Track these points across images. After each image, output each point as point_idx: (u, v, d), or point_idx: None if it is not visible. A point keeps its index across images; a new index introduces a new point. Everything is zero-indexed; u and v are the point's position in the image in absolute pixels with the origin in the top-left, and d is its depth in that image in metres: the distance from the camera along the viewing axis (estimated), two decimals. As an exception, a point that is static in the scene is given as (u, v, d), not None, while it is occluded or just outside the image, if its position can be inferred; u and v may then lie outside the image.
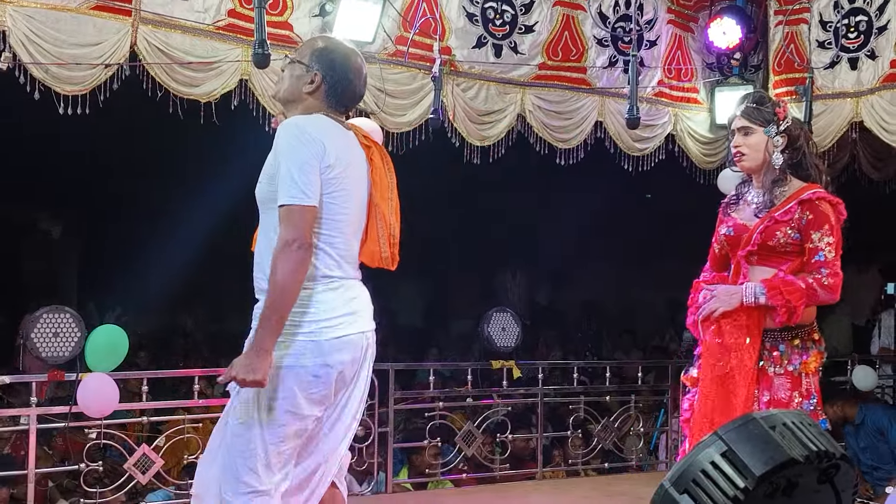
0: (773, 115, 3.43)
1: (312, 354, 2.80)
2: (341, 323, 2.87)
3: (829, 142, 6.02)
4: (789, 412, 1.93)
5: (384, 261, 3.05)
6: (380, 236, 3.03)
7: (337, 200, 2.88)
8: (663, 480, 1.92)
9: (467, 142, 5.72)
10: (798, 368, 3.32)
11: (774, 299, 3.23)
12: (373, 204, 3.02)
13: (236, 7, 4.93)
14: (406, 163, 5.51)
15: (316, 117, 2.94)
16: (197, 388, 5.22)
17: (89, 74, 4.58)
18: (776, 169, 3.40)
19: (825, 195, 3.38)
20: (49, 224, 10.80)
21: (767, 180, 3.42)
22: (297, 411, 2.81)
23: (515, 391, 6.46)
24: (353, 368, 2.93)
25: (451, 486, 6.10)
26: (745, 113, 3.45)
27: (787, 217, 3.33)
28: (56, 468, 5.39)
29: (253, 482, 2.78)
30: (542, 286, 12.71)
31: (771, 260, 3.36)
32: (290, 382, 2.78)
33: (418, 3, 5.37)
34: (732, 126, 3.50)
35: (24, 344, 4.81)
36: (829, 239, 3.29)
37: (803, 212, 3.32)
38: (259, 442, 2.78)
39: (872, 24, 5.72)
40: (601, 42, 6.06)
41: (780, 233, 3.33)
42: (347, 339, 2.87)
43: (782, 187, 3.40)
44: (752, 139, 3.44)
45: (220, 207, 8.30)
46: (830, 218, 3.33)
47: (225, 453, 2.82)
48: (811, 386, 3.32)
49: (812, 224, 3.30)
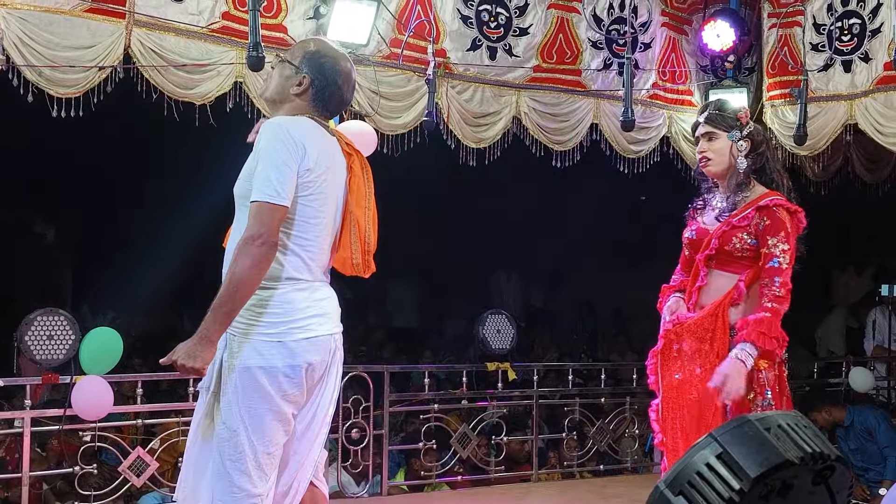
0: (735, 121, 3.52)
1: (281, 355, 2.80)
2: (309, 324, 2.86)
3: (824, 144, 6.04)
4: (785, 414, 1.93)
5: (356, 268, 3.05)
6: (352, 243, 3.03)
7: (313, 203, 2.88)
8: (658, 482, 1.92)
9: (462, 144, 5.72)
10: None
11: (765, 345, 3.24)
12: (348, 211, 3.03)
13: (230, 9, 4.92)
14: (401, 165, 5.54)
15: (300, 119, 2.94)
16: (191, 391, 5.21)
17: (83, 77, 4.57)
18: (741, 173, 3.47)
19: (784, 202, 3.43)
20: (43, 227, 10.77)
21: (732, 184, 3.48)
22: (278, 411, 2.81)
23: (510, 393, 6.46)
24: (321, 370, 2.92)
25: (447, 489, 6.10)
26: (709, 119, 3.53)
27: (744, 223, 3.39)
28: (51, 471, 5.39)
29: (247, 486, 2.78)
30: (537, 288, 12.72)
31: (729, 265, 3.42)
32: (263, 382, 2.78)
33: (412, 5, 5.37)
34: (697, 133, 3.59)
35: (19, 347, 4.79)
36: (784, 246, 3.33)
37: (760, 217, 3.37)
38: (247, 444, 2.78)
39: (866, 27, 5.73)
40: (596, 44, 6.07)
41: (736, 238, 3.39)
42: (315, 340, 2.87)
43: (745, 192, 3.46)
44: (717, 144, 3.51)
45: (214, 210, 8.26)
46: (787, 225, 3.37)
47: (216, 459, 2.81)
48: (766, 381, 3.35)
49: (768, 230, 3.35)
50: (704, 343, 3.37)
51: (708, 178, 3.61)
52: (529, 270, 12.06)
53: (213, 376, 2.83)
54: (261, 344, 2.79)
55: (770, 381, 3.34)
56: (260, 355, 2.78)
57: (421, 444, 5.98)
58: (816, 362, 7.53)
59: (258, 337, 2.79)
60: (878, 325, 8.02)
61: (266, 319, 2.80)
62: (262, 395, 2.78)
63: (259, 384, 2.78)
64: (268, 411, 2.79)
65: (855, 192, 7.24)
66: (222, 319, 2.72)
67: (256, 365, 2.78)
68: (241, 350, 2.79)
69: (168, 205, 9.42)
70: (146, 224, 9.78)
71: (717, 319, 3.36)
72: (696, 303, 3.49)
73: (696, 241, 3.52)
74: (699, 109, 3.67)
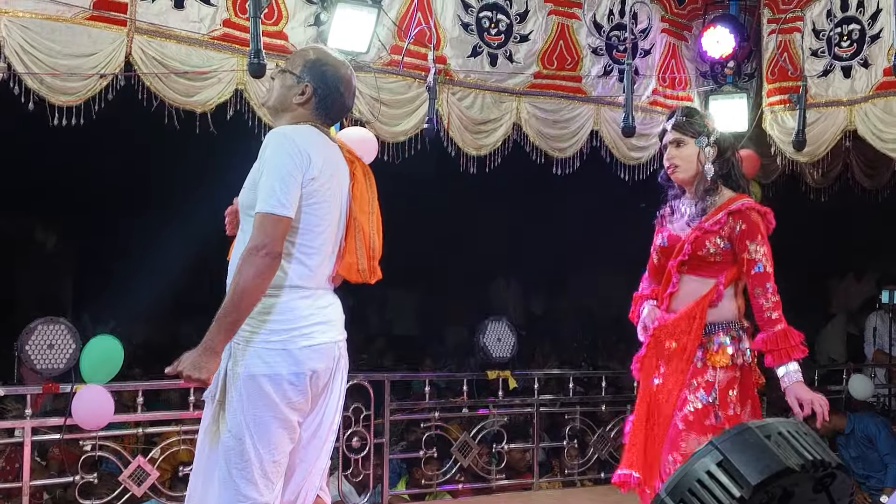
0: (703, 127, 3.57)
1: (286, 363, 2.80)
2: (313, 331, 2.87)
3: (824, 150, 6.04)
4: (786, 421, 1.93)
5: (362, 273, 3.06)
6: (357, 248, 3.03)
7: (317, 212, 2.88)
8: (660, 490, 1.91)
9: (463, 151, 5.72)
10: (704, 360, 3.39)
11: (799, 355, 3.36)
12: (352, 217, 3.03)
13: (231, 17, 4.93)
14: (401, 171, 5.53)
15: (303, 127, 2.95)
16: (192, 400, 5.21)
17: (84, 85, 4.57)
18: (708, 179, 3.51)
19: (754, 205, 3.49)
20: (43, 235, 10.76)
21: (700, 190, 3.53)
22: (284, 418, 2.82)
23: (511, 402, 6.45)
24: (326, 377, 2.93)
25: (449, 498, 6.08)
26: (677, 125, 3.57)
27: (716, 227, 3.43)
28: (51, 480, 5.37)
29: (253, 494, 2.78)
30: (537, 295, 12.70)
31: (701, 269, 3.46)
32: (268, 390, 2.78)
33: (413, 12, 5.38)
34: (664, 140, 3.62)
35: (19, 356, 4.78)
36: (763, 249, 3.40)
37: (735, 221, 3.42)
38: (253, 453, 2.78)
39: (865, 33, 5.74)
40: (596, 51, 6.08)
41: (709, 243, 3.43)
42: (318, 347, 2.87)
43: (713, 196, 3.51)
44: (685, 151, 3.55)
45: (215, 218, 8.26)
46: (760, 227, 3.43)
47: (222, 467, 2.81)
48: (716, 381, 3.37)
49: (746, 234, 3.40)
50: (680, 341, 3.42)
51: (674, 184, 3.65)
52: (529, 278, 12.04)
53: (219, 385, 2.83)
54: (265, 352, 2.79)
55: (722, 382, 3.36)
56: (265, 363, 2.79)
57: (422, 453, 5.97)
58: (817, 370, 7.51)
59: (262, 345, 2.80)
60: (878, 331, 8.02)
61: (270, 327, 2.81)
62: (266, 402, 2.78)
63: (264, 392, 2.78)
64: (273, 419, 2.80)
65: (855, 198, 7.23)
66: (227, 329, 2.73)
67: (261, 373, 2.78)
68: (245, 358, 2.79)
69: (169, 213, 9.42)
70: (147, 232, 9.78)
71: (693, 321, 3.40)
72: (668, 308, 3.54)
73: (667, 248, 3.56)
74: (666, 116, 3.71)
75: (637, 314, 3.68)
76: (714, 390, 3.34)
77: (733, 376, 3.39)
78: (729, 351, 3.40)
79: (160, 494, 5.18)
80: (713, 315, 3.43)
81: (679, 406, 3.36)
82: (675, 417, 3.36)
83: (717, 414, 3.34)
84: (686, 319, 3.41)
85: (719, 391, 3.35)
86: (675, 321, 3.44)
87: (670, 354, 3.43)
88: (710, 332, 3.42)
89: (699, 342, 3.39)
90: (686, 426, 3.33)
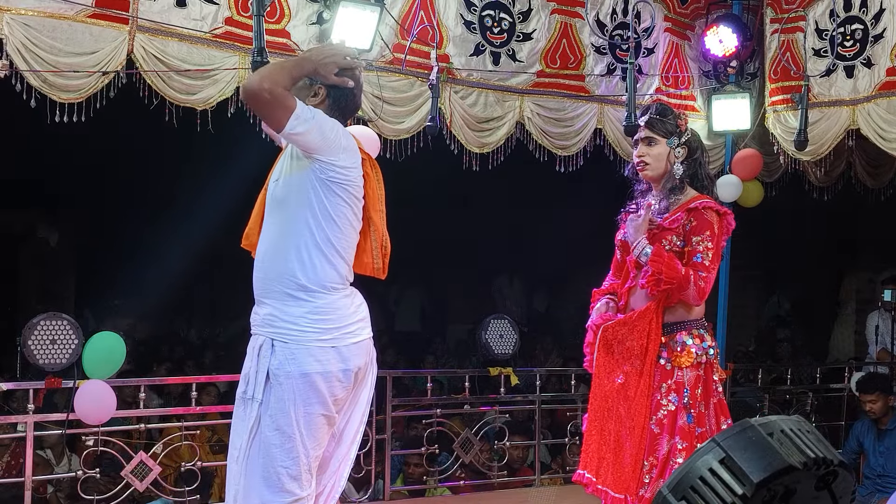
0: (675, 127, 3.56)
1: (336, 360, 2.88)
2: (356, 329, 2.96)
3: (826, 149, 6.04)
4: (788, 418, 1.93)
5: (376, 271, 3.12)
6: (373, 248, 3.06)
7: (355, 209, 2.95)
8: (661, 487, 1.91)
9: (466, 149, 5.72)
10: (671, 362, 3.41)
11: (653, 264, 3.37)
12: (367, 216, 3.05)
13: (233, 15, 4.92)
14: (405, 169, 5.53)
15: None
16: (194, 396, 5.22)
17: (86, 82, 4.57)
18: (676, 178, 3.53)
19: (713, 205, 3.49)
20: (46, 231, 10.79)
21: (666, 188, 3.55)
22: (330, 414, 2.91)
23: (513, 398, 6.45)
24: (364, 372, 3.03)
25: (449, 493, 6.09)
26: (649, 124, 3.57)
27: (674, 225, 3.46)
28: (53, 475, 5.39)
29: (296, 489, 2.85)
30: (540, 292, 12.70)
31: None
32: (320, 387, 2.86)
33: (416, 10, 5.38)
34: (636, 136, 3.62)
35: (22, 351, 4.79)
36: (708, 244, 3.40)
37: (688, 219, 3.44)
38: (301, 449, 2.85)
39: (868, 33, 5.73)
40: (599, 50, 6.08)
41: (665, 240, 3.46)
42: (361, 344, 2.97)
43: (678, 195, 3.53)
44: (656, 150, 3.56)
45: (217, 214, 8.30)
46: (714, 226, 3.43)
47: (266, 464, 2.84)
48: (685, 381, 3.38)
49: (694, 230, 3.42)
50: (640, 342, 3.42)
51: (641, 179, 3.66)
52: (532, 275, 12.05)
53: (256, 385, 2.86)
54: (318, 350, 2.86)
55: (691, 381, 3.37)
56: (317, 361, 2.85)
57: (423, 449, 5.97)
58: (819, 367, 7.51)
59: (315, 343, 2.86)
60: (879, 330, 8.00)
61: (321, 326, 2.88)
62: (319, 399, 2.86)
63: (317, 389, 2.85)
64: (322, 415, 2.89)
65: (858, 197, 7.23)
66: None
67: (315, 371, 2.85)
68: (297, 356, 2.84)
69: (171, 209, 9.44)
70: (149, 229, 9.80)
71: (651, 321, 3.42)
72: (626, 304, 3.54)
73: (627, 242, 3.57)
74: (640, 112, 3.71)
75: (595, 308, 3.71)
76: (686, 391, 3.37)
77: (698, 374, 3.41)
78: (692, 351, 3.41)
79: (163, 490, 5.18)
80: (674, 315, 3.44)
81: (654, 411, 3.38)
82: (650, 422, 3.38)
83: (690, 413, 3.36)
84: (643, 320, 3.41)
85: (690, 390, 3.37)
86: (632, 320, 3.44)
87: (631, 354, 3.43)
88: (672, 332, 3.43)
89: (660, 342, 3.40)
90: (661, 429, 3.38)
